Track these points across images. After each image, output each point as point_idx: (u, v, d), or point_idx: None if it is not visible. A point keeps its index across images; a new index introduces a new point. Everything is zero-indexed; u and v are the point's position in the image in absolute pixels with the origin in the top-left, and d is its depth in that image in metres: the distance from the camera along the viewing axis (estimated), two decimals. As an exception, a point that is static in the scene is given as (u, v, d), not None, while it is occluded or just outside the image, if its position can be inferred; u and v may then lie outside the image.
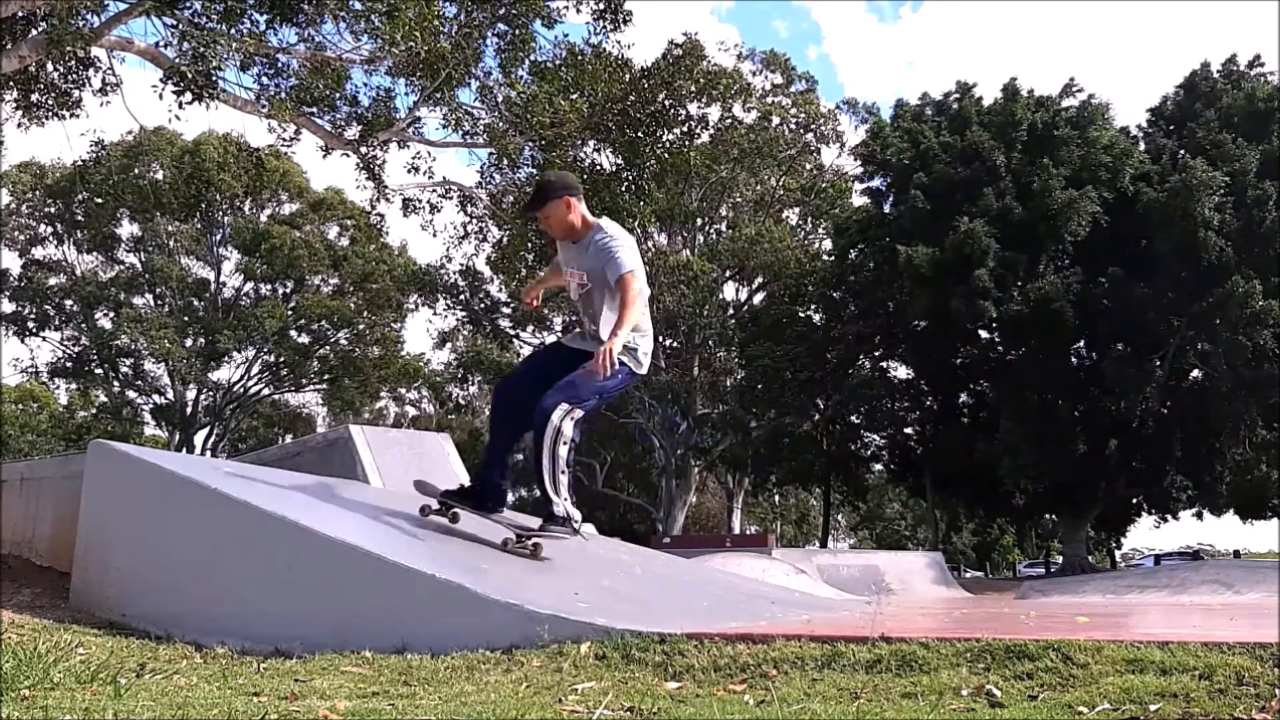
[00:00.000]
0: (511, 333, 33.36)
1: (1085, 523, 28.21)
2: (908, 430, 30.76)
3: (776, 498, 49.80)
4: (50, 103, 12.88)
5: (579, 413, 4.09)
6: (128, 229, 34.70)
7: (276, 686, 2.77)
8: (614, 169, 17.81)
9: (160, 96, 11.73)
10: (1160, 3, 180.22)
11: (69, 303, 34.44)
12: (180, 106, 11.77)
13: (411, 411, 43.90)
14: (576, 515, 4.23)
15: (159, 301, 35.18)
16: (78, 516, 4.80)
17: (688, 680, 2.76)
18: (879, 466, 34.42)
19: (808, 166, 31.56)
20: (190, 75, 11.29)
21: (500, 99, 15.39)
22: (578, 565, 4.59)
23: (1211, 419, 23.39)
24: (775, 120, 29.63)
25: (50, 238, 34.33)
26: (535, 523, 4.42)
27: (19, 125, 13.13)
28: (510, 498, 4.48)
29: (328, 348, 36.75)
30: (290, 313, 34.82)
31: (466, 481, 5.00)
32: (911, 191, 24.61)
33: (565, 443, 4.05)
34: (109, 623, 4.15)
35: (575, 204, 4.23)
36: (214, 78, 11.83)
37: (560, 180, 4.38)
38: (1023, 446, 22.99)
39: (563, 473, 4.08)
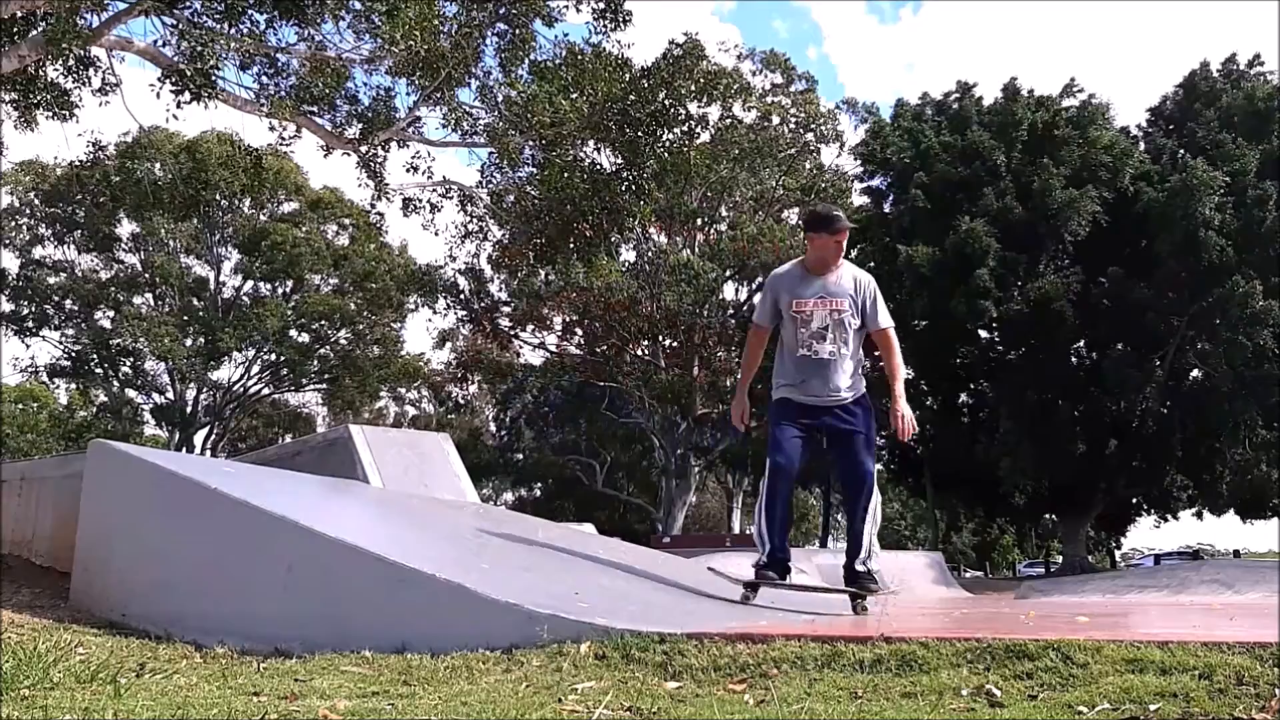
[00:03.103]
0: (511, 332, 33.35)
1: (1085, 523, 28.19)
2: (908, 430, 30.67)
3: (776, 498, 49.69)
4: (49, 101, 12.84)
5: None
6: (127, 228, 34.64)
7: (276, 686, 2.77)
8: (614, 169, 17.77)
9: (158, 96, 11.72)
10: (1160, 2, 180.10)
11: (69, 302, 34.40)
12: (179, 106, 11.76)
13: (411, 411, 43.90)
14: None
15: (159, 301, 35.14)
16: (78, 516, 4.80)
17: (688, 680, 2.76)
18: (879, 466, 34.43)
19: (808, 166, 31.51)
20: (189, 74, 11.27)
21: (500, 99, 15.34)
22: (578, 565, 4.59)
23: (1211, 419, 23.35)
24: (775, 120, 29.60)
25: (50, 237, 34.28)
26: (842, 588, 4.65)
27: (15, 127, 13.11)
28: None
29: (328, 347, 36.71)
30: (290, 312, 34.77)
31: (467, 482, 5.13)
32: (912, 191, 24.60)
33: (880, 504, 4.59)
34: (109, 623, 4.15)
35: None
36: (213, 77, 11.80)
37: None
38: (1023, 446, 22.96)
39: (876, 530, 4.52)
